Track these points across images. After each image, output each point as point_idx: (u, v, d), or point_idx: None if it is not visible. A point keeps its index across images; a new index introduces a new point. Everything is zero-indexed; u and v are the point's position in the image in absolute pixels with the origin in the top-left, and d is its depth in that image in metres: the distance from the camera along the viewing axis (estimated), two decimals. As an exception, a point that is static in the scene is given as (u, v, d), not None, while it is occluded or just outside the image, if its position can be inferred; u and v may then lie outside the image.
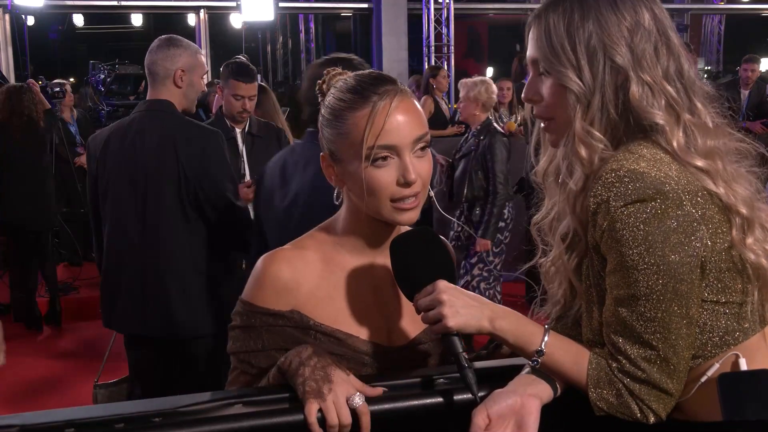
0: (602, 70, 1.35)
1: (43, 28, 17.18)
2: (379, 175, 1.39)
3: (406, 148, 1.40)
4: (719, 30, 16.20)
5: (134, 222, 3.07)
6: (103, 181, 3.13)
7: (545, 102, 1.42)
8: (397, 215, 1.42)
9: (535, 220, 1.53)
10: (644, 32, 1.36)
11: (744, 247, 1.32)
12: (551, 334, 1.38)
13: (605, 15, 1.35)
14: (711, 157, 1.34)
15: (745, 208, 1.33)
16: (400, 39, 12.19)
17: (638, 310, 1.29)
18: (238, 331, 1.48)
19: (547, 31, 1.38)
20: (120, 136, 3.11)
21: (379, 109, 1.39)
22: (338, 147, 1.44)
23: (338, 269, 1.50)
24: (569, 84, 1.36)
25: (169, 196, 3.04)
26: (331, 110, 1.45)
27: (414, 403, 1.38)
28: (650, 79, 1.35)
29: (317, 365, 1.35)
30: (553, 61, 1.37)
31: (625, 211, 1.27)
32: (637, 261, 1.27)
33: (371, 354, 1.48)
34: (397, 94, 1.42)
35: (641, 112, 1.34)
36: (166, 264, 3.07)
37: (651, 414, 1.31)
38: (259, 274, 1.47)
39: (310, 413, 1.29)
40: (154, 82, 3.11)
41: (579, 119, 1.36)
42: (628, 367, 1.31)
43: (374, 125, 1.38)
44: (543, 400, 1.36)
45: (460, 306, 1.33)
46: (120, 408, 1.36)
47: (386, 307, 1.53)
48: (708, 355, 1.34)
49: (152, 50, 3.12)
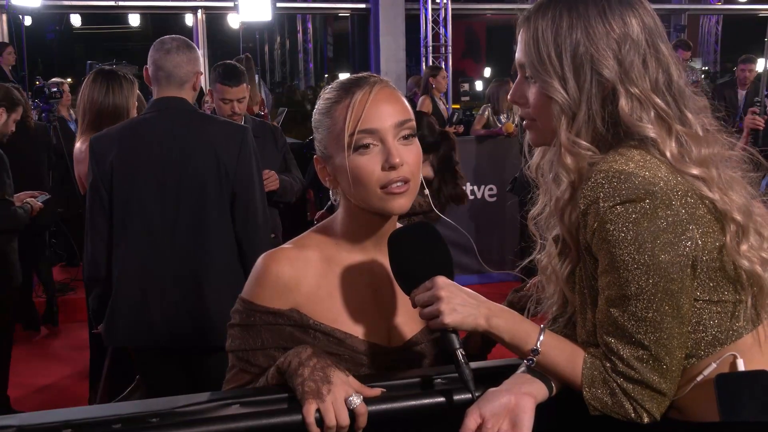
0: (589, 83, 1.35)
1: (41, 29, 17.19)
2: (363, 163, 1.41)
3: (388, 132, 1.41)
4: (716, 30, 16.23)
5: (164, 227, 2.88)
6: (121, 186, 2.88)
7: (530, 106, 1.42)
8: (387, 202, 1.42)
9: (531, 214, 1.53)
10: (633, 44, 1.35)
11: (738, 255, 1.32)
12: (547, 333, 1.38)
13: (594, 26, 1.34)
14: (705, 165, 1.34)
15: (740, 215, 1.33)
16: (397, 39, 12.21)
17: (629, 310, 1.30)
18: (238, 330, 1.49)
19: (535, 38, 1.37)
20: (139, 138, 2.93)
21: (359, 97, 1.42)
22: (326, 144, 1.47)
23: (338, 268, 1.51)
24: (554, 95, 1.36)
25: (207, 197, 2.89)
26: (318, 110, 1.49)
27: (412, 403, 1.38)
28: (639, 92, 1.34)
29: (316, 366, 1.35)
30: (539, 69, 1.37)
31: (614, 212, 1.27)
32: (627, 261, 1.27)
33: (369, 354, 1.49)
34: (377, 83, 1.45)
35: (631, 125, 1.34)
36: (204, 270, 2.88)
37: (645, 414, 1.32)
38: (260, 272, 1.48)
39: (308, 413, 1.29)
40: (170, 83, 2.97)
41: (564, 130, 1.36)
42: (621, 368, 1.31)
43: (354, 112, 1.41)
44: (538, 398, 1.36)
45: (458, 303, 1.34)
46: (117, 408, 1.36)
47: (385, 307, 1.54)
48: (701, 354, 1.34)
49: (170, 51, 2.98)
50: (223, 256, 2.92)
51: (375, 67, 12.26)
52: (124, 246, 2.90)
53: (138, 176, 2.88)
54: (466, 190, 4.21)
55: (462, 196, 4.37)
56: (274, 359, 1.43)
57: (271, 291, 1.46)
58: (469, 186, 7.07)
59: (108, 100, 3.63)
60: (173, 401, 1.34)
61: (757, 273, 1.33)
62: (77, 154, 3.66)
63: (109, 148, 2.91)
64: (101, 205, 2.90)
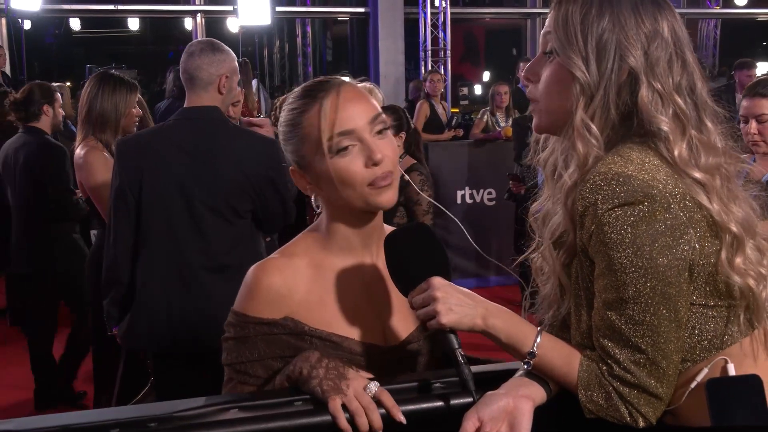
0: (610, 68, 1.35)
1: (40, 33, 17.18)
2: (346, 164, 1.43)
3: (364, 130, 1.44)
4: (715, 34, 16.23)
5: (188, 234, 2.88)
6: (148, 192, 2.87)
7: (541, 83, 1.42)
8: (376, 197, 1.45)
9: (533, 209, 1.53)
10: (662, 41, 1.36)
11: (731, 269, 1.32)
12: (544, 335, 1.39)
13: (626, 16, 1.35)
14: (710, 173, 1.34)
15: (737, 227, 1.33)
16: (396, 43, 12.20)
17: (627, 314, 1.29)
18: (233, 342, 1.50)
19: (564, 17, 1.37)
20: (166, 145, 2.92)
21: (328, 101, 1.44)
22: (302, 153, 1.48)
23: (328, 272, 1.52)
24: (576, 71, 1.35)
25: (233, 207, 2.89)
26: (285, 123, 1.50)
27: (410, 408, 1.38)
28: (660, 87, 1.35)
29: (329, 366, 1.37)
30: (565, 45, 1.37)
31: (612, 214, 1.27)
32: (625, 264, 1.27)
33: (367, 355, 1.49)
34: (341, 84, 1.47)
35: (647, 115, 1.34)
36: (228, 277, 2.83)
37: (640, 418, 1.32)
38: (251, 284, 1.49)
39: (336, 409, 1.32)
40: (194, 87, 2.95)
41: (581, 110, 1.36)
42: (617, 371, 1.31)
43: (328, 116, 1.43)
44: (536, 401, 1.37)
45: (454, 303, 1.34)
46: (115, 413, 1.36)
47: (378, 306, 1.55)
48: (697, 358, 1.34)
49: (193, 54, 2.96)
50: (248, 264, 2.92)
51: (374, 70, 12.26)
52: (148, 251, 2.91)
53: (165, 183, 2.88)
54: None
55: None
56: (272, 369, 1.45)
57: (264, 301, 1.47)
58: (467, 190, 7.08)
59: (96, 104, 3.61)
60: (172, 406, 1.34)
61: (749, 286, 1.33)
62: (77, 160, 3.64)
63: (137, 153, 2.92)
64: (127, 210, 2.90)
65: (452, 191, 7.17)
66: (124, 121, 3.66)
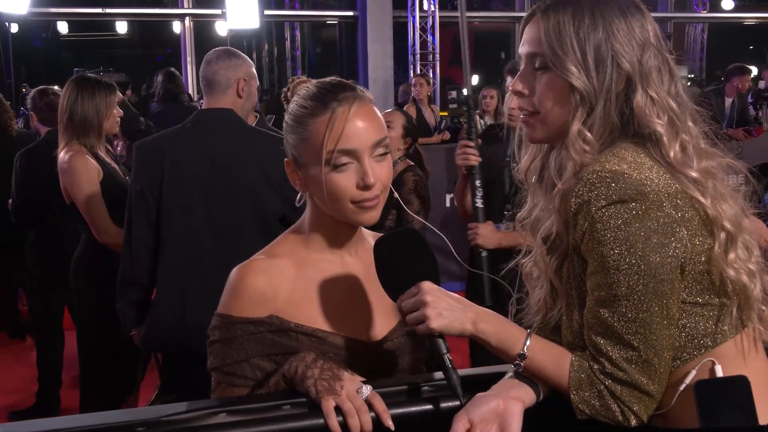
0: (609, 77, 1.36)
1: (28, 36, 17.11)
2: (339, 180, 1.44)
3: (365, 152, 1.44)
4: (702, 38, 16.36)
5: (208, 236, 2.87)
6: (169, 194, 2.87)
7: (537, 95, 1.41)
8: (358, 215, 1.47)
9: (519, 217, 1.54)
10: (652, 49, 1.38)
11: (725, 263, 1.33)
12: (533, 337, 1.39)
13: (617, 24, 1.36)
14: (703, 172, 1.36)
15: (729, 224, 1.34)
16: (385, 47, 12.24)
17: (619, 311, 1.30)
18: (218, 345, 1.50)
19: (556, 28, 1.37)
20: (185, 147, 2.91)
21: (339, 114, 1.44)
22: (300, 152, 1.49)
23: (311, 271, 1.53)
24: (575, 82, 1.35)
25: (252, 209, 2.88)
26: (293, 117, 1.50)
27: (399, 411, 1.38)
28: (655, 94, 1.36)
29: (324, 366, 1.38)
30: (562, 56, 1.36)
31: (605, 212, 1.28)
32: (617, 261, 1.28)
33: (351, 350, 1.50)
34: (356, 99, 1.46)
35: (643, 120, 1.36)
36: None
37: (632, 416, 1.32)
38: (235, 285, 1.50)
39: (328, 409, 1.33)
40: (213, 91, 2.96)
41: (578, 121, 1.36)
42: (609, 369, 1.32)
43: (334, 130, 1.43)
44: (526, 403, 1.37)
45: (443, 308, 1.34)
46: (104, 417, 1.35)
47: (361, 303, 1.56)
48: (686, 357, 1.35)
49: (211, 61, 2.99)
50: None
51: (363, 74, 12.29)
52: (167, 252, 2.91)
53: (184, 186, 2.88)
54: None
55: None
56: (259, 369, 1.46)
57: (248, 301, 1.48)
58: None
59: (77, 109, 3.57)
60: (160, 410, 1.33)
61: (743, 283, 1.34)
62: (61, 165, 3.59)
63: (158, 155, 2.92)
64: (147, 212, 2.90)
65: (440, 195, 7.17)
66: (106, 123, 3.64)
